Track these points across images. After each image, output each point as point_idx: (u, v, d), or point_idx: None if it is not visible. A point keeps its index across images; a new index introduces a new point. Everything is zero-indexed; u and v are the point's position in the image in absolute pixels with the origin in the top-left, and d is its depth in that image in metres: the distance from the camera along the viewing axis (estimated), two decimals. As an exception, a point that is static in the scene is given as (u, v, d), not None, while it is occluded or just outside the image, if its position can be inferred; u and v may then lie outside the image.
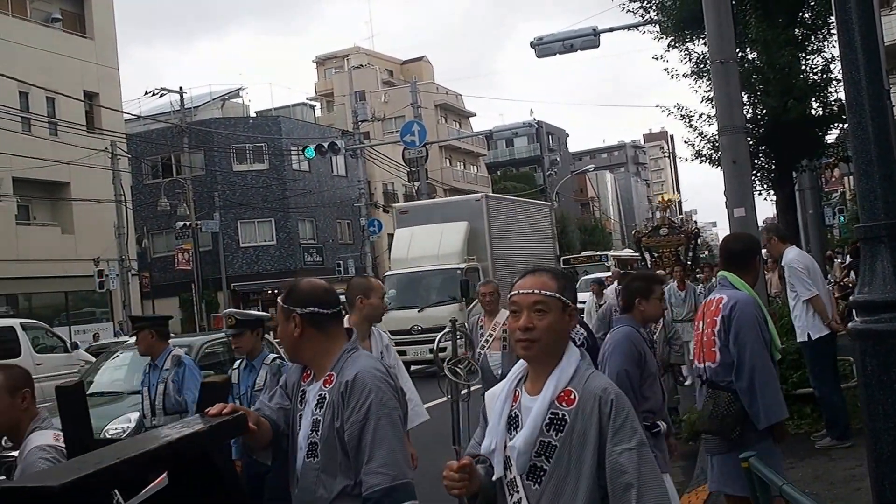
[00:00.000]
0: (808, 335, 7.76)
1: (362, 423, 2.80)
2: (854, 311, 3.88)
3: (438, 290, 20.16)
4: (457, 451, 2.63)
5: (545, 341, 2.55)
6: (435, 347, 7.38)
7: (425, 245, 20.57)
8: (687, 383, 12.14)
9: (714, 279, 14.83)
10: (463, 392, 2.38)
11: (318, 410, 2.95)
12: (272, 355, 6.09)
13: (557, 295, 2.58)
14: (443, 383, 5.71)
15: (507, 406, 2.61)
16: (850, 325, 3.84)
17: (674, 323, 13.52)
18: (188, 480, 2.66)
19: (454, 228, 20.83)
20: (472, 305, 19.02)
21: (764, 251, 8.57)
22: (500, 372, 6.24)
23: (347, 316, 4.73)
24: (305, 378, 3.09)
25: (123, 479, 2.30)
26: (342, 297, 4.01)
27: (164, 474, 2.71)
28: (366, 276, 5.29)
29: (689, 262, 22.57)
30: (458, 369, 2.62)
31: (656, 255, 24.43)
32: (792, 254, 8.01)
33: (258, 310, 34.09)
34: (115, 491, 2.82)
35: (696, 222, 33.98)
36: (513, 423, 2.58)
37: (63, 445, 3.28)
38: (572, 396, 2.49)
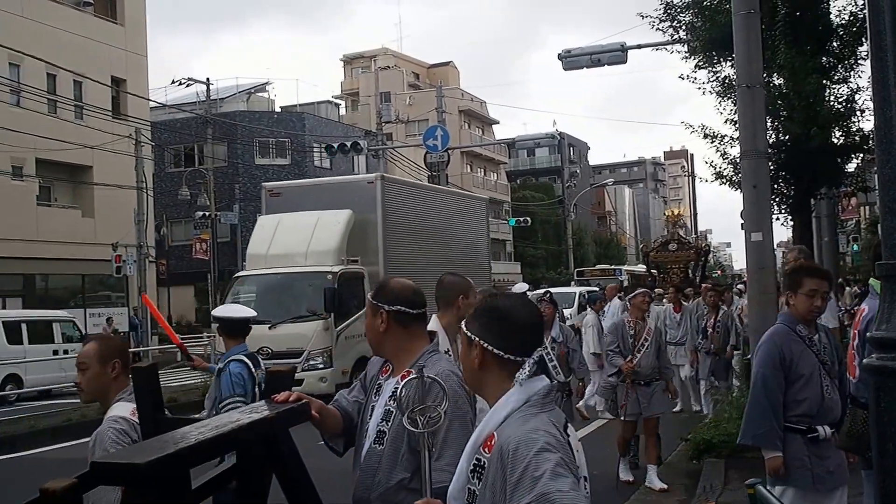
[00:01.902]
0: None
1: None
2: (870, 346, 3.83)
3: (299, 301, 15.30)
4: None
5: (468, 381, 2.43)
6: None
7: (292, 239, 15.62)
8: (675, 409, 11.86)
9: (735, 302, 14.57)
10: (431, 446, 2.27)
11: (391, 402, 3.08)
12: (235, 357, 5.72)
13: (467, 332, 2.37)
14: None
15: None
16: (864, 360, 3.79)
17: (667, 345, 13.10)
18: (255, 462, 2.84)
19: (332, 219, 15.69)
20: (347, 322, 14.93)
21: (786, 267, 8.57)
22: None
23: (436, 315, 4.53)
24: (384, 373, 3.24)
25: (200, 458, 2.49)
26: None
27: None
28: (460, 275, 5.02)
29: (696, 280, 22.12)
30: (418, 418, 2.55)
31: (664, 271, 23.86)
32: None
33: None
34: None
35: (708, 241, 33.30)
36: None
37: (136, 419, 3.46)
38: (492, 442, 2.23)
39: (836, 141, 12.27)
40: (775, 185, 12.08)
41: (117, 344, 3.98)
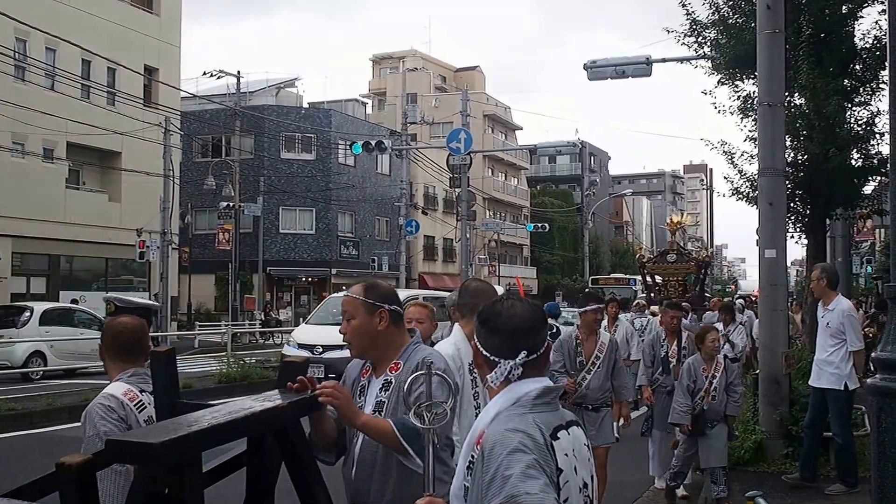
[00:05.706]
0: (846, 384, 7.55)
1: None
2: (874, 366, 3.90)
3: None
4: None
5: None
6: None
7: None
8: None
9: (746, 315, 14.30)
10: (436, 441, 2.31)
11: (382, 393, 3.13)
12: None
13: None
14: None
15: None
16: (869, 380, 3.86)
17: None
18: (266, 450, 2.94)
19: None
20: None
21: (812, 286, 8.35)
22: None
23: (458, 324, 4.22)
24: (364, 374, 3.28)
25: (213, 442, 2.56)
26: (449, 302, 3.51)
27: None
28: (481, 280, 4.74)
29: (696, 293, 21.17)
30: (425, 414, 2.65)
31: (660, 283, 22.68)
32: (847, 304, 8.02)
33: (290, 295, 34.42)
34: None
35: (709, 253, 30.92)
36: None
37: (127, 400, 3.46)
38: (482, 440, 2.23)
39: (854, 163, 12.25)
40: (791, 204, 12.06)
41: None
